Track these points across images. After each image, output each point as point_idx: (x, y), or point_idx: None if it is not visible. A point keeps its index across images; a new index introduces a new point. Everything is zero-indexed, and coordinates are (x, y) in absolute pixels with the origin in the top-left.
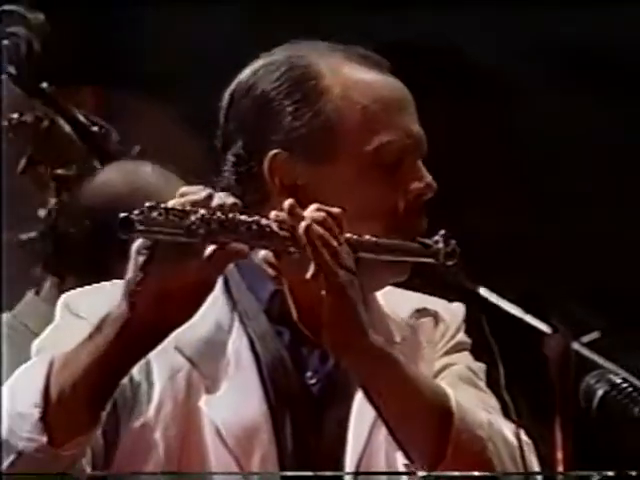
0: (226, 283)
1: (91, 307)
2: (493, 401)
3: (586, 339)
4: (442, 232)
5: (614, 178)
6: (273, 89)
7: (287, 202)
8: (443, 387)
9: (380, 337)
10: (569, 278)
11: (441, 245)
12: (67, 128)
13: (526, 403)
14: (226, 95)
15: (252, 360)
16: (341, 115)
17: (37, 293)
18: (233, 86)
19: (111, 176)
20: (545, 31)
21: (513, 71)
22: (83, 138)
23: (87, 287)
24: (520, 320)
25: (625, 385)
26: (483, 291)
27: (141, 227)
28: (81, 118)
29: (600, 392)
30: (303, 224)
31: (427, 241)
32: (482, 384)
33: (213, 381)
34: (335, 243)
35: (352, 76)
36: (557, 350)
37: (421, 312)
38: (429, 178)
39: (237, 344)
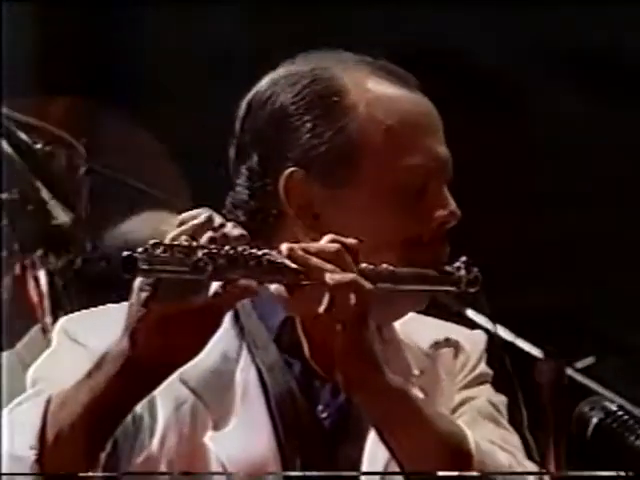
0: (234, 309)
1: (91, 333)
2: (515, 439)
3: (580, 364)
4: (463, 259)
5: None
6: (293, 103)
7: (283, 246)
8: (462, 428)
9: (396, 376)
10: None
11: (463, 272)
12: (8, 148)
13: (517, 430)
14: (243, 104)
15: (260, 392)
16: (364, 135)
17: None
18: (251, 95)
19: (136, 224)
20: (545, 31)
21: (515, 72)
22: (24, 158)
23: (86, 311)
24: (510, 344)
25: (621, 413)
26: (471, 313)
27: (145, 266)
28: (23, 136)
29: (595, 420)
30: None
31: (448, 269)
32: (503, 420)
33: (219, 414)
34: (352, 276)
35: (378, 93)
36: (550, 376)
37: (440, 343)
38: (453, 205)
39: (245, 375)
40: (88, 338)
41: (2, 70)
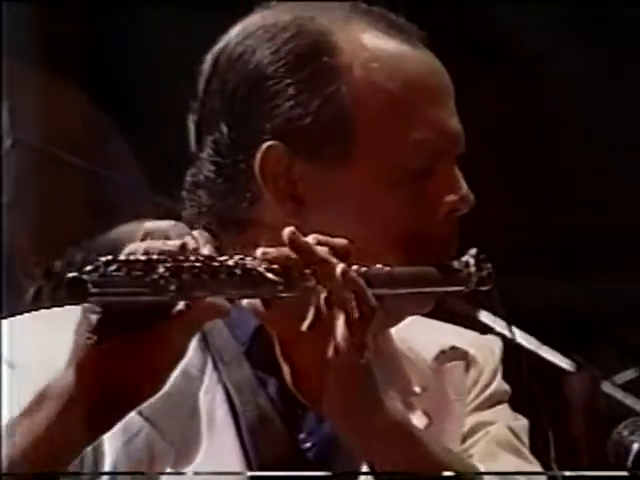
0: None
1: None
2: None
3: (620, 379)
4: (473, 252)
5: None
6: (272, 62)
7: (286, 230)
8: (474, 465)
9: (396, 405)
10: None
11: (473, 269)
12: None
13: (542, 462)
14: (209, 59)
15: (229, 417)
16: (359, 103)
17: None
18: (219, 48)
19: (123, 232)
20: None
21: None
22: None
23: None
24: (534, 354)
25: None
26: (484, 316)
27: (95, 289)
28: None
29: (636, 446)
30: (340, 266)
31: (455, 265)
32: (525, 449)
33: (180, 446)
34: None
35: (376, 51)
36: (582, 392)
37: (448, 353)
38: (465, 189)
39: (210, 396)
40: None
41: (2, 70)
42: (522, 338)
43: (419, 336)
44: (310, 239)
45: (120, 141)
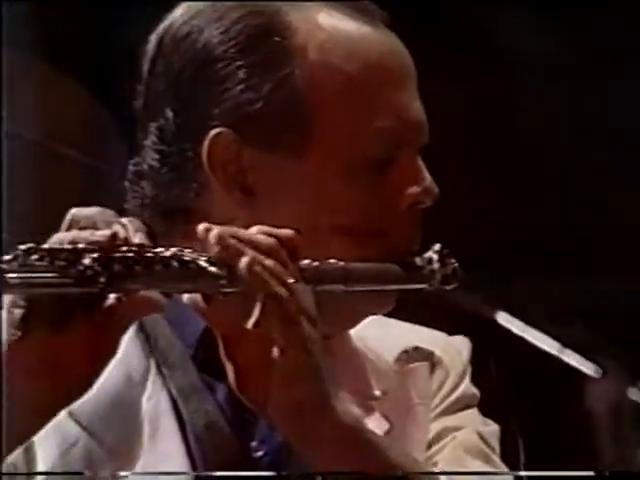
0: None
1: None
2: None
3: None
4: (436, 247)
5: None
6: (221, 42)
7: (213, 232)
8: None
9: (351, 410)
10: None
11: (436, 265)
12: None
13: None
14: (153, 39)
15: (174, 425)
16: (315, 87)
17: None
18: (164, 27)
19: None
20: None
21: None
22: None
23: None
24: (555, 358)
25: None
26: (503, 318)
27: (15, 280)
28: None
29: None
30: (244, 261)
31: (417, 261)
32: (494, 456)
33: (122, 457)
34: (292, 279)
35: (333, 32)
36: (606, 399)
37: (411, 353)
38: (429, 180)
39: (154, 403)
40: None
41: (2, 70)
42: (541, 341)
43: (381, 337)
44: (254, 230)
45: (120, 137)
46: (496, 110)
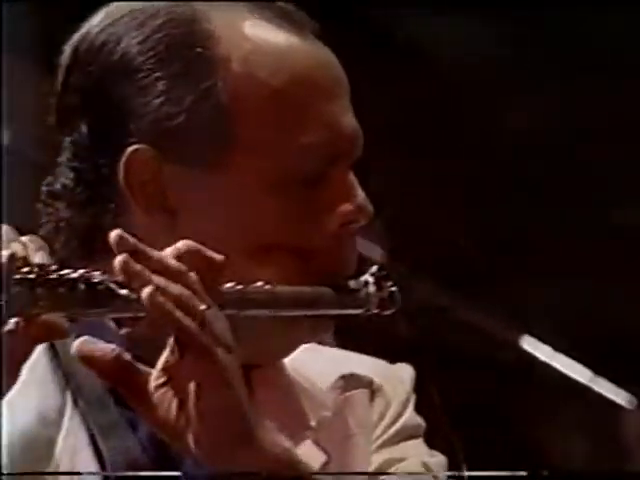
0: (52, 346)
1: None
2: None
3: None
4: (373, 269)
5: None
6: (140, 53)
7: (117, 258)
8: None
9: (280, 442)
10: None
11: (372, 289)
12: None
13: None
14: (67, 50)
15: (93, 463)
16: (239, 101)
17: None
18: (79, 37)
19: None
20: None
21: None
22: None
23: None
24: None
25: None
26: (528, 342)
27: None
28: None
29: None
30: (146, 292)
31: (351, 284)
32: None
33: None
34: (203, 307)
35: (259, 42)
36: None
37: (348, 380)
38: (362, 197)
39: (71, 442)
40: None
41: (2, 70)
42: (571, 369)
43: (316, 364)
44: (168, 251)
45: None
46: (426, 115)
